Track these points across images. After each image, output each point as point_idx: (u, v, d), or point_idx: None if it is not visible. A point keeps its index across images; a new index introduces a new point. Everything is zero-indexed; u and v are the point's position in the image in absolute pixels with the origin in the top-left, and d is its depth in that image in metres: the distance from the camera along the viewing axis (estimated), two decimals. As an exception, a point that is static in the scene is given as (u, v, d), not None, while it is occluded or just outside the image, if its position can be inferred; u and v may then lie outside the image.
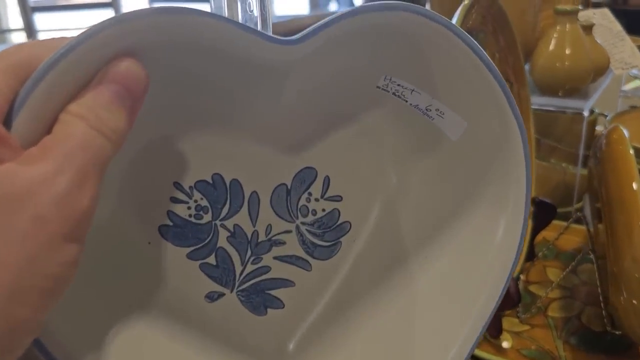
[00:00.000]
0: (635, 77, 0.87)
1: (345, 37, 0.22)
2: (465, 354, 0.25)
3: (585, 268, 0.58)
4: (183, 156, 0.25)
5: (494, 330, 0.49)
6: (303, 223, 0.28)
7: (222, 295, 0.28)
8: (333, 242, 0.29)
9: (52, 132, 0.18)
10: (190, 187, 0.26)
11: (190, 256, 0.27)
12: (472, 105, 0.24)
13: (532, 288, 0.56)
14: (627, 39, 0.77)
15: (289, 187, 0.27)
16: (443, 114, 0.26)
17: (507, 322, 0.51)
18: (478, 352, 0.46)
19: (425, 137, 0.26)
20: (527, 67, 0.68)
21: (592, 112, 0.78)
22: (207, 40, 0.20)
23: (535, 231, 0.58)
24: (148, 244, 0.26)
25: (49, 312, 0.18)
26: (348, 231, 0.29)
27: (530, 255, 0.57)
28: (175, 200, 0.26)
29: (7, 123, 0.18)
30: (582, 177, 0.67)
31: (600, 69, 0.67)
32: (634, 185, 0.42)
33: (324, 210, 0.28)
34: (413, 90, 0.25)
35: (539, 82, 0.65)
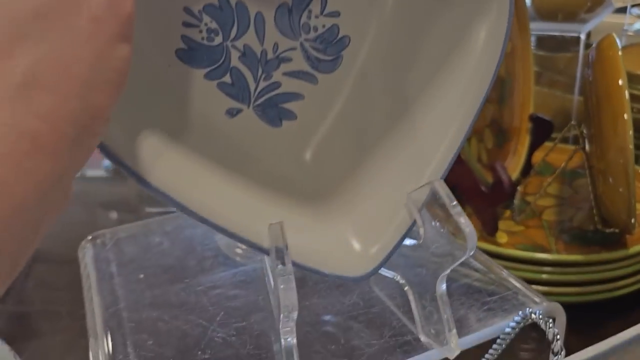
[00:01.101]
0: (638, 17, 0.89)
1: None
2: (457, 145, 0.29)
3: (581, 183, 0.61)
4: None
5: (490, 228, 0.52)
6: (306, 40, 0.31)
7: (240, 110, 0.31)
8: (335, 56, 0.32)
9: None
10: (199, 11, 0.29)
11: (207, 76, 0.30)
12: None
13: (529, 198, 0.59)
14: (630, -27, 0.79)
15: (290, 5, 0.30)
16: None
17: (503, 224, 0.54)
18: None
19: None
20: None
21: (591, 45, 0.81)
22: None
23: (533, 146, 0.61)
24: (168, 67, 0.29)
25: (116, 102, 0.21)
26: (348, 45, 0.32)
27: (527, 169, 0.60)
28: (187, 24, 0.29)
29: None
30: (580, 103, 0.70)
31: (598, -2, 0.69)
32: (620, 82, 0.45)
33: (324, 26, 0.31)
34: None
35: (538, 8, 0.67)
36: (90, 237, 0.39)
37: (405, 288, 0.33)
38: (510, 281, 0.34)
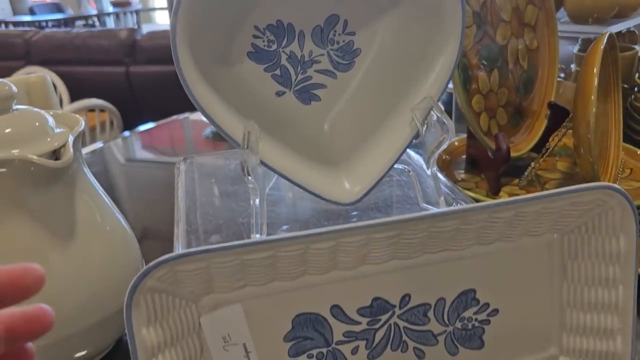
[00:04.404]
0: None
1: None
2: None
3: (591, 164, 0.71)
4: (259, 11, 0.43)
5: (493, 189, 0.64)
6: (331, 49, 0.46)
7: (284, 92, 0.47)
8: (350, 61, 0.47)
9: None
10: (264, 28, 0.45)
11: (265, 70, 0.46)
12: None
13: (539, 172, 0.69)
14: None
15: (322, 26, 0.46)
16: None
17: (509, 188, 0.66)
18: (478, 197, 0.61)
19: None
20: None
21: (631, 48, 0.88)
22: None
23: (549, 130, 0.72)
24: (242, 63, 0.45)
25: None
26: (359, 54, 0.47)
27: (539, 147, 0.71)
28: (255, 36, 0.45)
29: None
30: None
31: (627, 6, 0.78)
32: (595, 70, 0.55)
33: (344, 41, 0.46)
34: None
35: (571, 13, 0.77)
36: (183, 158, 0.57)
37: (410, 173, 0.48)
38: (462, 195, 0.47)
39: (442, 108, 0.42)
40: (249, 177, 0.38)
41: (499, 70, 0.65)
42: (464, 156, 0.74)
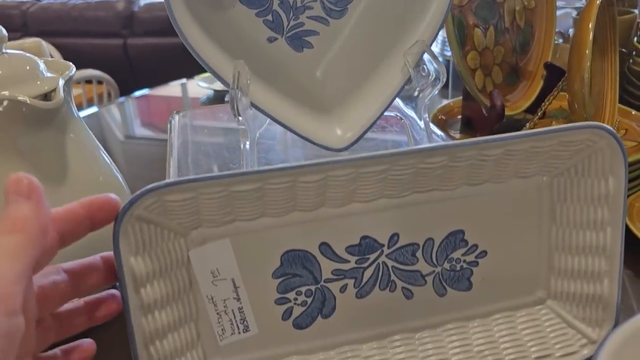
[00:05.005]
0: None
1: None
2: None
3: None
4: None
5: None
6: None
7: (276, 39, 0.46)
8: (342, 8, 0.47)
9: None
10: None
11: (257, 15, 0.45)
12: None
13: (534, 133, 0.69)
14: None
15: None
16: None
17: (503, 147, 0.66)
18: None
19: None
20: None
21: (630, 12, 0.88)
22: None
23: (545, 91, 0.71)
24: (233, 7, 0.45)
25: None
26: (352, 1, 0.46)
27: (534, 108, 0.71)
28: None
29: None
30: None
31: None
32: (590, 24, 0.55)
33: None
34: None
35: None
36: (176, 111, 0.57)
37: (402, 121, 0.48)
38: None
39: (434, 52, 0.42)
40: (239, 118, 0.38)
41: (495, 28, 0.65)
42: (460, 117, 0.74)
